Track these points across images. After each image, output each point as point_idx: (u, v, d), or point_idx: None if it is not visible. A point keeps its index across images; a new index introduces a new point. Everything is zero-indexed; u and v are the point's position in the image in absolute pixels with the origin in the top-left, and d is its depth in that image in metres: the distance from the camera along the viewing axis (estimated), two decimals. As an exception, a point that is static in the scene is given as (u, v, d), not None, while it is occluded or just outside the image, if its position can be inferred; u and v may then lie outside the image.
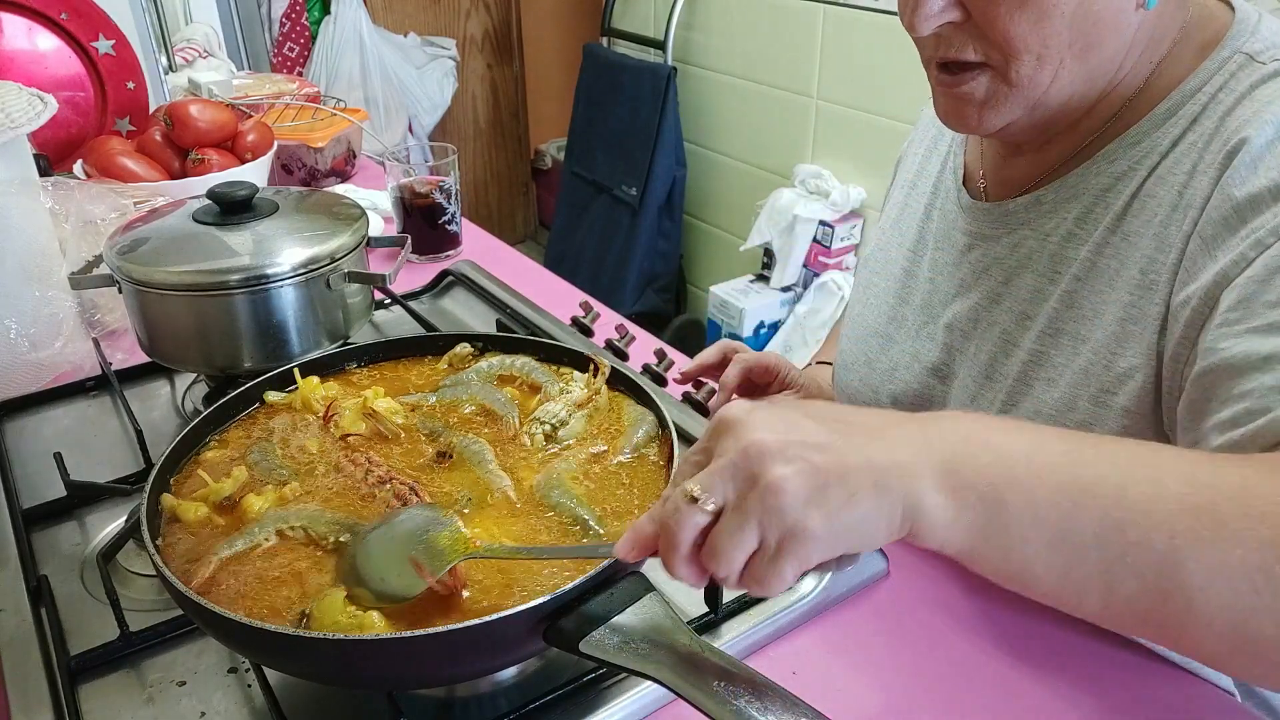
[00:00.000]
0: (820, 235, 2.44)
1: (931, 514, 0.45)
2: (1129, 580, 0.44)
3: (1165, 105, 0.70)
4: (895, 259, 0.92)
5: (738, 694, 0.48)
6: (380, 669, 0.54)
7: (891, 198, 0.98)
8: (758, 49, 2.59)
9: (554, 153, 3.64)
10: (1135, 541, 0.44)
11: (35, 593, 0.74)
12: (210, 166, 1.34)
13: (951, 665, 0.70)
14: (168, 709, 0.65)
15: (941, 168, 0.89)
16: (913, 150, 0.96)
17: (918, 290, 0.88)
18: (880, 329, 0.91)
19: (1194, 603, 0.43)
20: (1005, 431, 0.48)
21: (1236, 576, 0.43)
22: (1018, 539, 0.45)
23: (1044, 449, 0.46)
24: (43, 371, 1.03)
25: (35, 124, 1.05)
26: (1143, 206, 0.69)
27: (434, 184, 1.36)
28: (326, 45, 3.01)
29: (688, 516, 0.45)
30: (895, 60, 2.20)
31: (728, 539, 0.44)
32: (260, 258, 0.88)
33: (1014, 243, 0.78)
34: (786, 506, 0.43)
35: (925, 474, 0.45)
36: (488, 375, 0.80)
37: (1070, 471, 0.45)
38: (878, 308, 0.92)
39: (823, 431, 0.45)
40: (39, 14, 1.41)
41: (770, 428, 0.45)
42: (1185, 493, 0.44)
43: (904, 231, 0.92)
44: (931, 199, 0.89)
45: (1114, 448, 0.48)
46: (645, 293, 2.94)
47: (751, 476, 0.44)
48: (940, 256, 0.86)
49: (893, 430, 0.47)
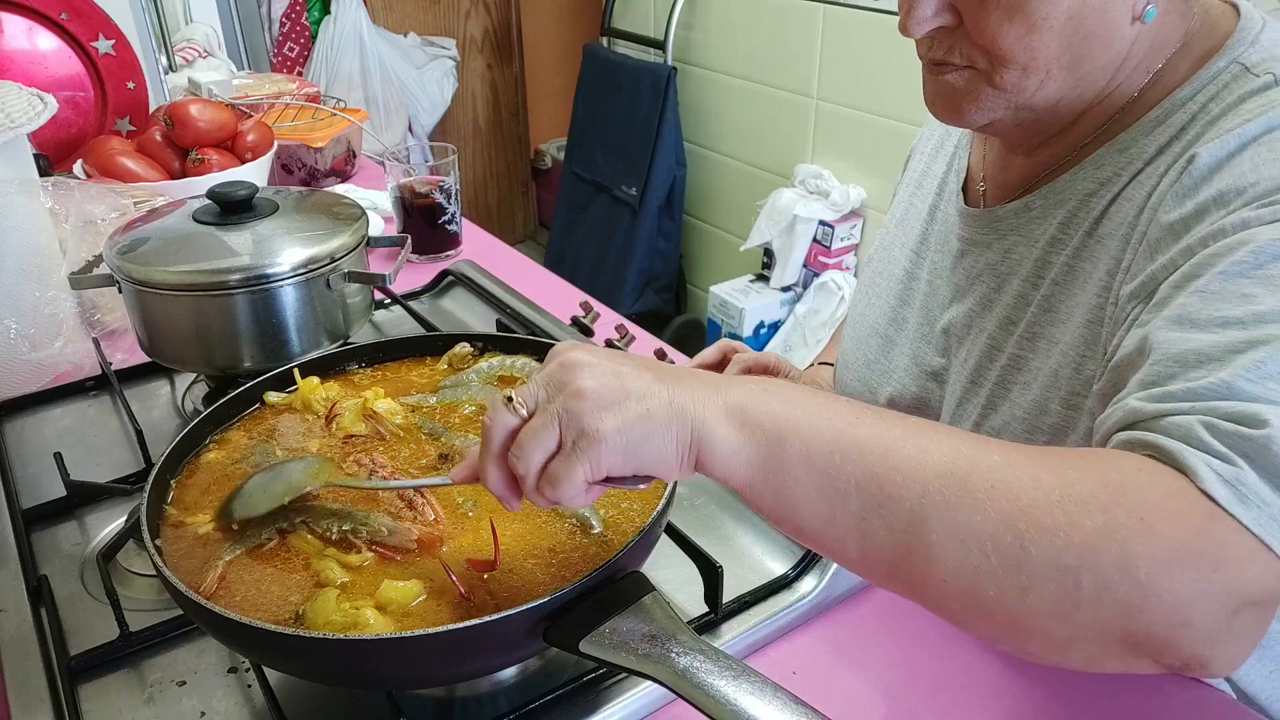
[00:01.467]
0: (820, 235, 2.44)
1: (718, 444, 0.48)
2: (881, 531, 0.48)
3: (1155, 113, 0.70)
4: (898, 259, 0.92)
5: (737, 694, 0.48)
6: (380, 669, 0.54)
7: (898, 196, 0.97)
8: (758, 49, 2.59)
9: (554, 152, 3.64)
10: (890, 496, 0.48)
11: (35, 593, 0.74)
12: (210, 166, 1.34)
13: (952, 666, 0.70)
14: (168, 709, 0.65)
15: (947, 169, 0.89)
16: (920, 149, 0.96)
17: (918, 293, 0.88)
18: (881, 329, 0.91)
19: (932, 559, 0.47)
20: (802, 392, 0.51)
21: (970, 540, 0.47)
22: (791, 479, 0.48)
23: (831, 408, 0.50)
24: (43, 371, 1.03)
25: (35, 124, 1.05)
26: (1118, 210, 0.69)
27: (434, 184, 1.36)
28: (326, 45, 3.01)
29: (501, 417, 0.49)
30: (895, 60, 2.20)
31: (530, 436, 0.49)
32: (260, 258, 0.88)
33: (1005, 249, 0.78)
34: (585, 410, 0.47)
35: (718, 406, 0.49)
36: (488, 376, 0.80)
37: (848, 428, 0.49)
38: (879, 308, 0.92)
39: (635, 365, 0.50)
40: (39, 14, 1.41)
41: (590, 352, 0.50)
42: (944, 461, 0.48)
43: (908, 231, 0.92)
44: (936, 200, 0.89)
45: (898, 419, 0.51)
46: (645, 293, 2.94)
47: (561, 383, 0.49)
48: (939, 260, 0.86)
49: (701, 377, 0.51)
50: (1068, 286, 0.72)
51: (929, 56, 0.71)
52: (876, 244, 0.97)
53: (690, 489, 0.86)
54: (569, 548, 0.62)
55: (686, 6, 2.74)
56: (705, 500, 0.85)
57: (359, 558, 0.61)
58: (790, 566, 0.75)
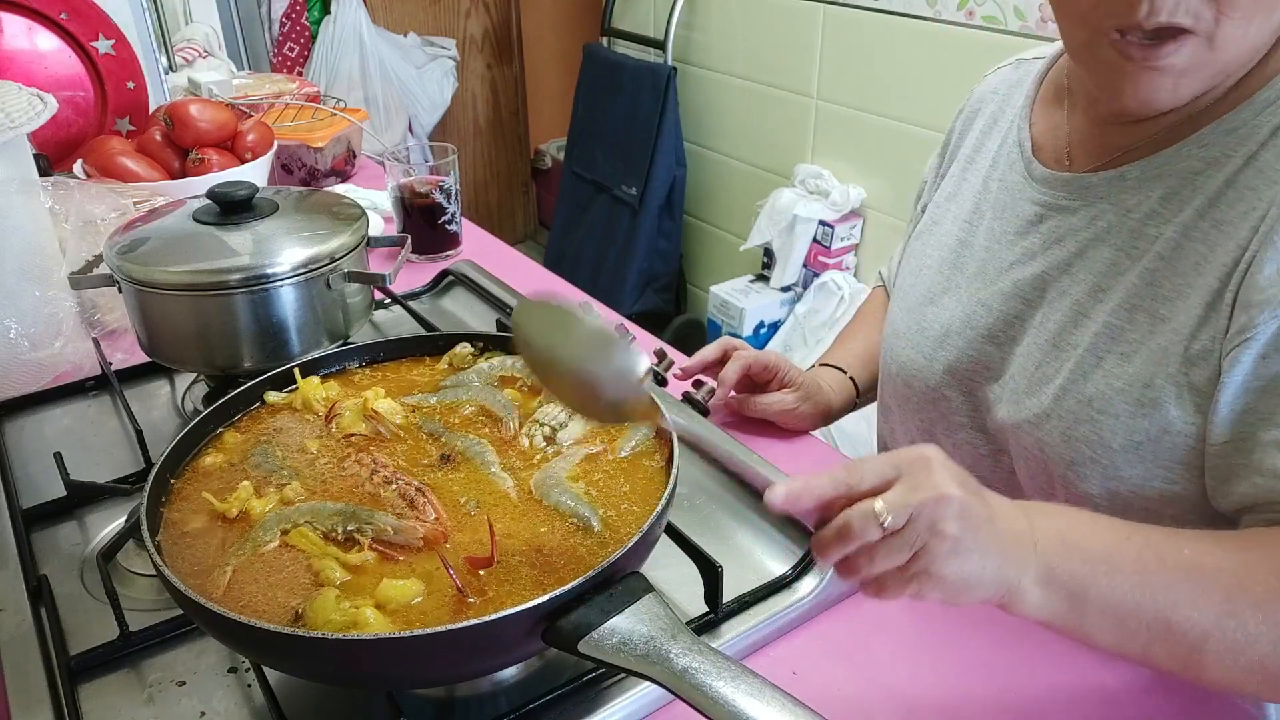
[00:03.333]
0: (820, 235, 2.44)
1: (1027, 599, 0.56)
2: (1163, 655, 0.59)
3: (1267, 93, 0.68)
4: (949, 231, 0.92)
5: (735, 695, 0.48)
6: (379, 669, 0.54)
7: (948, 175, 0.96)
8: (758, 49, 2.58)
9: (554, 152, 3.63)
10: (1175, 636, 0.58)
11: (35, 593, 0.74)
12: (210, 166, 1.34)
13: (952, 666, 0.70)
14: (168, 709, 0.65)
15: (1002, 142, 0.88)
16: (973, 128, 0.94)
17: (972, 259, 0.88)
18: (932, 296, 0.91)
19: (1206, 668, 0.58)
20: (1094, 535, 0.59)
21: (1243, 665, 0.58)
22: (1088, 623, 0.58)
23: (1121, 554, 0.58)
24: (43, 371, 1.03)
25: (35, 124, 1.05)
26: (1239, 197, 0.68)
27: (434, 184, 1.36)
28: (326, 45, 3.01)
29: (867, 526, 0.53)
30: (895, 60, 2.20)
31: (885, 555, 0.54)
32: (260, 258, 0.88)
33: (1092, 215, 0.77)
34: (942, 554, 0.53)
35: (1031, 569, 0.56)
36: (489, 376, 0.80)
37: (1140, 581, 0.58)
38: (929, 277, 0.92)
39: (985, 507, 0.55)
40: (39, 14, 1.41)
41: (960, 485, 0.54)
42: (1222, 604, 0.57)
43: (959, 205, 0.92)
44: (990, 171, 0.89)
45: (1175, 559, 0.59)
46: (645, 293, 2.94)
47: (931, 522, 0.53)
48: (1000, 225, 0.85)
49: (1016, 523, 0.57)
50: (1176, 264, 0.71)
51: (1151, 25, 0.64)
52: (924, 221, 0.97)
53: (690, 489, 0.86)
54: (569, 548, 0.62)
55: (686, 6, 2.74)
56: (705, 500, 0.85)
57: (359, 557, 0.61)
58: (790, 566, 0.75)
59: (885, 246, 2.40)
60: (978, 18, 2.00)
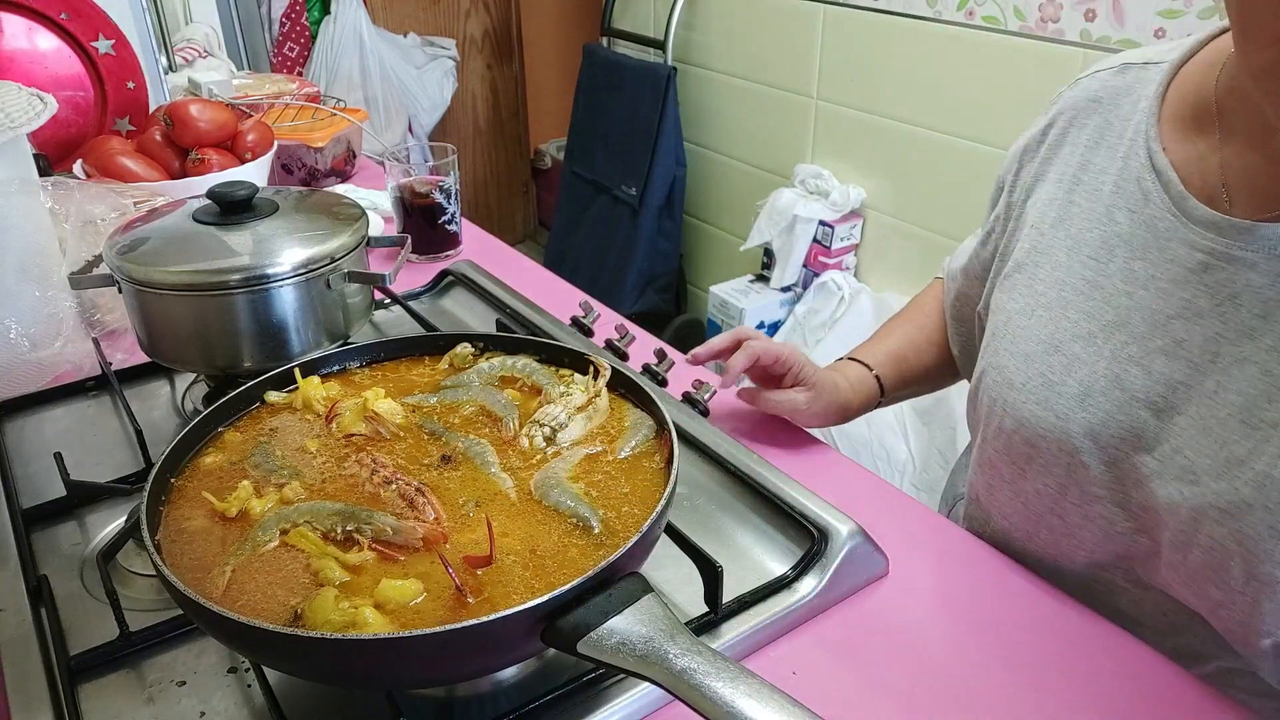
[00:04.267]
0: (820, 235, 2.44)
1: None
2: None
3: None
4: (1068, 265, 0.80)
5: (734, 696, 0.48)
6: (379, 669, 0.54)
7: (1038, 194, 0.85)
8: (758, 49, 2.58)
9: (554, 152, 3.63)
10: None
11: (35, 593, 0.74)
12: (210, 166, 1.34)
13: (951, 665, 0.70)
14: (168, 709, 0.65)
15: (1124, 164, 0.77)
16: (1069, 139, 0.83)
17: (1109, 306, 0.76)
18: (1060, 345, 0.79)
19: None
20: None
21: None
22: None
23: None
24: (43, 371, 1.03)
25: (35, 124, 1.05)
26: None
27: (434, 184, 1.36)
28: (326, 45, 3.01)
29: None
30: (895, 60, 2.20)
31: None
32: (260, 258, 0.88)
33: (1278, 273, 0.67)
34: None
35: None
36: (489, 376, 0.80)
37: None
38: (1053, 321, 0.80)
39: None
40: (39, 14, 1.41)
41: None
42: None
43: (1074, 235, 0.80)
44: (1113, 199, 0.77)
45: None
46: (645, 293, 2.94)
47: None
48: (1145, 269, 0.74)
49: None
50: None
51: None
52: (1024, 247, 0.84)
53: (690, 489, 0.86)
54: (568, 548, 0.62)
55: (686, 6, 2.74)
56: (705, 500, 0.85)
57: (358, 556, 0.61)
58: (790, 566, 0.75)
59: (885, 246, 2.40)
60: (978, 18, 2.00)
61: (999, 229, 0.91)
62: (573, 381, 0.77)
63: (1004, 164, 0.92)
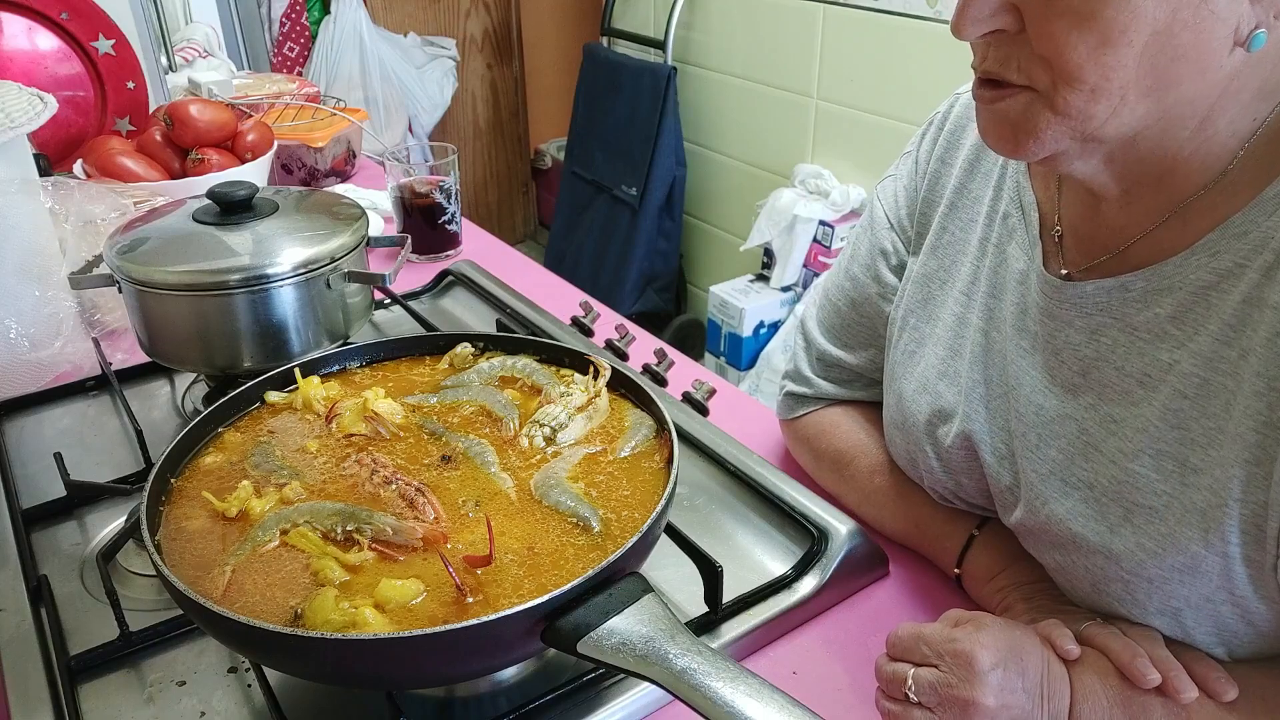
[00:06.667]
0: (820, 235, 2.44)
1: None
2: None
3: (1276, 189, 0.57)
4: (939, 298, 0.78)
5: (734, 696, 0.48)
6: (379, 669, 0.54)
7: (922, 215, 0.81)
8: (758, 49, 2.58)
9: (554, 152, 3.63)
10: None
11: (35, 593, 0.74)
12: (210, 166, 1.34)
13: (951, 665, 0.70)
14: (168, 709, 0.65)
15: (996, 195, 0.75)
16: (949, 159, 0.80)
17: (967, 341, 0.75)
18: (930, 385, 0.77)
19: None
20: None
21: None
22: None
23: None
24: (43, 371, 1.03)
25: (35, 124, 1.05)
26: (1261, 317, 0.57)
27: (434, 184, 1.36)
28: (326, 45, 3.01)
29: (894, 689, 0.62)
30: (895, 60, 2.20)
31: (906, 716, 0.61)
32: (260, 258, 0.88)
33: (1092, 329, 0.65)
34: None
35: None
36: (489, 376, 0.80)
37: None
38: (925, 356, 0.78)
39: None
40: (39, 14, 1.41)
41: (995, 694, 0.58)
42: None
43: (946, 264, 0.78)
44: (986, 232, 0.75)
45: None
46: (645, 293, 2.94)
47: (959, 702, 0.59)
48: (999, 308, 0.73)
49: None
50: (1204, 404, 0.59)
51: (981, 70, 0.60)
52: (917, 273, 0.81)
53: (690, 489, 0.86)
54: (568, 548, 0.62)
55: (686, 6, 2.74)
56: (705, 500, 0.85)
57: (358, 556, 0.61)
58: (790, 566, 0.75)
59: (885, 246, 2.40)
60: (978, 18, 2.00)
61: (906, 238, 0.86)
62: (573, 381, 0.77)
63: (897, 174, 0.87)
